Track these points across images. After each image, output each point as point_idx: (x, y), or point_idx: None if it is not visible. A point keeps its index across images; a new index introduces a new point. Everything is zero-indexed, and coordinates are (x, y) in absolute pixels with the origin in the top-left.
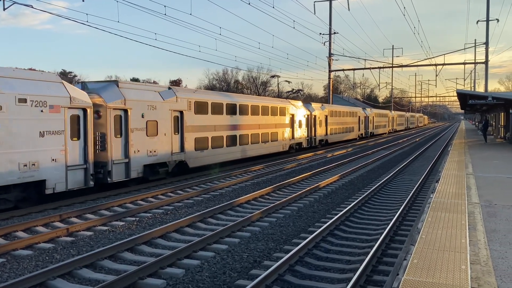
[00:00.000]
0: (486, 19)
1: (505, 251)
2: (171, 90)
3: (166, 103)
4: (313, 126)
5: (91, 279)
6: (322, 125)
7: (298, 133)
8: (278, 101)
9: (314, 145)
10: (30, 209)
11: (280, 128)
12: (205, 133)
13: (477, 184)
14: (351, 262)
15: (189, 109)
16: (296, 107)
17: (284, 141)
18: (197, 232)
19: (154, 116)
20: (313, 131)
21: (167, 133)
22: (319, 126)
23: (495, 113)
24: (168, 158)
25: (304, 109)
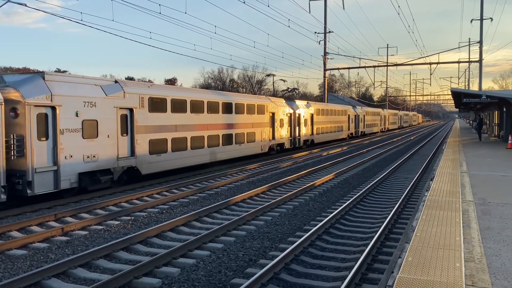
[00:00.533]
0: (480, 18)
1: (499, 248)
2: (117, 84)
3: (110, 100)
4: (297, 125)
5: (86, 279)
6: (308, 124)
7: (279, 133)
8: (256, 98)
9: (298, 146)
10: (24, 209)
11: (259, 128)
12: (163, 134)
13: (472, 182)
14: (346, 260)
15: (142, 106)
16: (277, 105)
17: (263, 142)
18: (192, 231)
19: (94, 114)
20: (297, 131)
21: (111, 134)
22: (303, 125)
23: (489, 111)
24: (113, 164)
25: (286, 107)
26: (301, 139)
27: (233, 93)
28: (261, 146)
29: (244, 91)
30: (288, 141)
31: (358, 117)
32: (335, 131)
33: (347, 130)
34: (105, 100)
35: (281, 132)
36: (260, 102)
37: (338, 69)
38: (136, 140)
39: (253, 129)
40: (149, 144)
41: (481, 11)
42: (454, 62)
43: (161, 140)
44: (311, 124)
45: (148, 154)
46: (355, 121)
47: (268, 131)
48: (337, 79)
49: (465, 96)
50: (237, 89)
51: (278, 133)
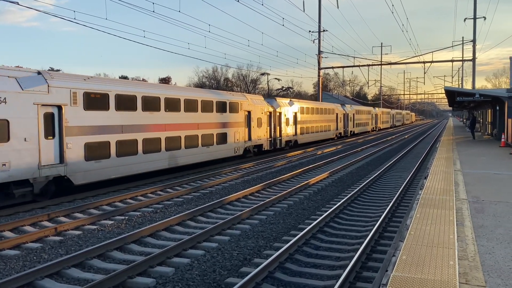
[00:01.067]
0: (473, 17)
1: (492, 246)
2: (40, 76)
3: (27, 95)
4: (277, 125)
5: (79, 279)
6: (290, 123)
7: (257, 133)
8: (228, 95)
9: (280, 147)
10: (17, 209)
11: (231, 128)
12: (104, 136)
13: (465, 181)
14: (340, 259)
15: (74, 103)
16: (253, 102)
17: (237, 143)
18: (187, 230)
19: (3, 113)
20: (277, 131)
21: (30, 137)
22: (285, 124)
23: (483, 110)
24: (33, 173)
25: (265, 105)
26: (283, 140)
27: (198, 88)
28: (235, 148)
29: (238, 90)
30: (267, 142)
31: (347, 116)
32: (322, 130)
33: (335, 130)
34: (21, 95)
35: (258, 132)
36: (233, 100)
37: (332, 68)
38: (66, 144)
39: (225, 129)
40: (85, 149)
41: (475, 10)
42: (448, 61)
43: (102, 144)
44: (294, 123)
45: (84, 160)
46: (344, 120)
47: (243, 132)
48: (331, 78)
49: (459, 94)
50: (231, 88)
51: (255, 134)
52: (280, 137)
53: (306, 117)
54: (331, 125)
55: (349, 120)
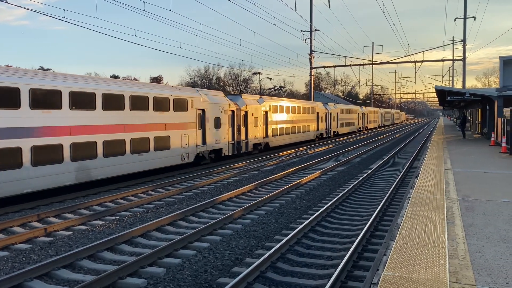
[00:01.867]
0: (464, 16)
1: (482, 245)
2: None
3: None
4: (243, 125)
5: (69, 280)
6: (259, 124)
7: (214, 136)
8: (172, 90)
9: (246, 151)
10: (6, 209)
11: (177, 130)
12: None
13: (456, 179)
14: (332, 258)
15: None
16: (209, 99)
17: (185, 148)
18: (178, 230)
19: None
20: (243, 133)
21: None
22: (253, 125)
23: (473, 109)
24: None
25: (226, 102)
26: (250, 143)
27: (130, 81)
28: (182, 154)
29: (230, 89)
30: (229, 146)
31: (329, 115)
32: (299, 131)
33: (316, 131)
34: None
35: (217, 134)
36: (180, 95)
37: (324, 67)
38: None
39: (167, 131)
40: None
41: (465, 10)
42: (439, 60)
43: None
44: (265, 124)
45: None
46: (326, 119)
47: (195, 134)
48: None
49: (449, 94)
50: (223, 87)
51: (212, 136)
52: (246, 140)
53: (280, 117)
54: (310, 125)
55: (332, 119)
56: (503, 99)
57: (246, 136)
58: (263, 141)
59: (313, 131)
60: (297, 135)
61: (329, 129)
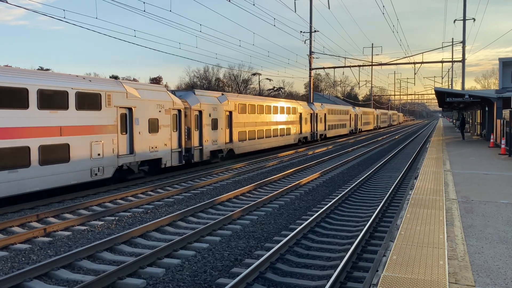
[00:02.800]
0: (463, 18)
1: (481, 246)
2: None
3: None
4: (195, 128)
5: (69, 280)
6: (220, 126)
7: (148, 142)
8: (74, 81)
9: (201, 160)
10: (5, 209)
11: (82, 136)
12: None
13: (455, 181)
14: (331, 259)
15: None
16: (140, 94)
17: (97, 160)
18: (177, 231)
19: None
20: (195, 138)
21: None
22: (210, 128)
23: (472, 110)
24: None
25: (168, 99)
26: (206, 150)
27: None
28: (92, 168)
29: (230, 90)
30: (173, 154)
31: (315, 116)
32: (276, 135)
33: (298, 133)
34: None
35: (153, 140)
36: (87, 89)
37: (323, 68)
38: None
39: (64, 137)
40: None
41: (464, 11)
42: (438, 62)
43: None
44: (228, 126)
45: None
46: (312, 121)
47: (114, 141)
48: (322, 78)
49: (448, 95)
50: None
51: (145, 143)
52: (199, 146)
53: (250, 118)
54: (291, 128)
55: (319, 121)
56: (502, 101)
57: (200, 141)
58: (225, 147)
59: (295, 134)
60: (273, 139)
61: (315, 132)
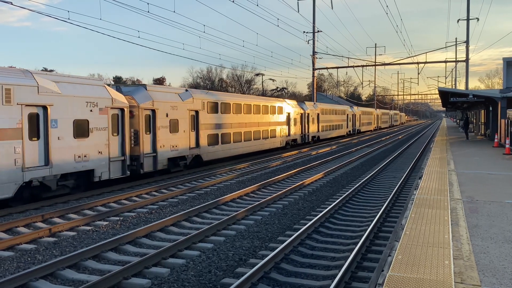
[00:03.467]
0: (467, 18)
1: (486, 246)
2: None
3: None
4: (145, 131)
5: (74, 280)
6: (182, 129)
7: (73, 150)
8: None
9: (155, 170)
10: (11, 210)
11: None
12: None
13: (459, 181)
14: (336, 259)
15: None
16: (56, 89)
17: None
18: (182, 231)
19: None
20: (145, 143)
21: None
22: (168, 131)
23: (476, 110)
24: None
25: (105, 96)
26: (161, 158)
27: None
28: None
29: (233, 90)
30: (112, 164)
31: (306, 117)
32: (258, 138)
33: (285, 136)
34: None
35: (80, 147)
36: None
37: (326, 68)
38: None
39: None
40: None
41: (468, 11)
42: (441, 62)
43: None
44: (194, 128)
45: None
46: (302, 122)
47: (18, 149)
48: (325, 78)
49: (452, 95)
50: (226, 89)
51: (67, 151)
52: (153, 153)
53: (222, 118)
54: (276, 130)
55: (311, 122)
56: (507, 101)
57: (154, 147)
58: (190, 153)
59: (281, 136)
60: (254, 143)
61: (305, 134)
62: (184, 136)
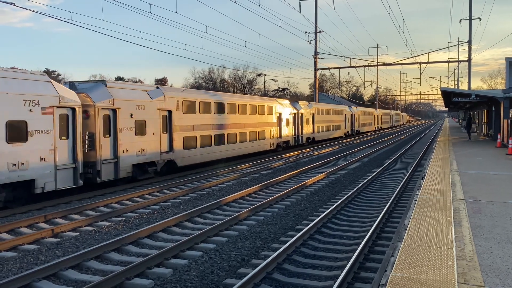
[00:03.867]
0: (469, 18)
1: (490, 246)
2: None
3: None
4: (104, 134)
5: (77, 280)
6: (151, 130)
7: None
8: None
9: (116, 178)
10: (13, 210)
11: None
12: None
13: (462, 181)
14: (338, 260)
15: None
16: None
17: None
18: (184, 231)
19: None
20: (103, 147)
21: None
22: (133, 133)
23: (478, 110)
24: None
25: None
26: (123, 164)
27: None
28: None
29: (235, 91)
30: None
31: (299, 117)
32: (243, 140)
33: (276, 138)
34: None
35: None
36: None
37: (328, 68)
38: None
39: None
40: None
41: (470, 11)
42: (444, 62)
43: None
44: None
45: None
46: (295, 122)
47: None
48: (327, 78)
49: (455, 95)
50: (228, 89)
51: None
52: (114, 159)
53: (201, 119)
54: (265, 131)
55: (305, 122)
56: (509, 100)
57: (115, 152)
58: (161, 159)
59: (272, 138)
60: (239, 146)
61: (299, 135)
62: (153, 139)
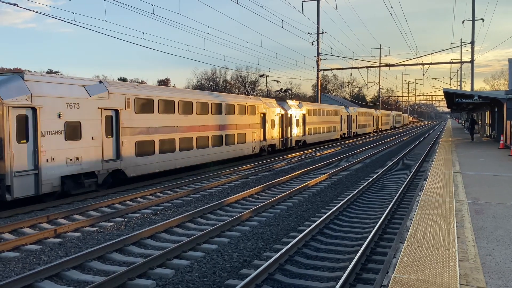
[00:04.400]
0: (472, 19)
1: (492, 248)
2: None
3: None
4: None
5: (79, 281)
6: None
7: None
8: None
9: (36, 193)
10: (16, 210)
11: None
12: None
13: (464, 182)
14: (340, 261)
15: None
16: None
17: None
18: (186, 232)
19: None
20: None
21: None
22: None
23: (481, 111)
24: None
25: None
26: (46, 176)
27: None
28: None
29: (237, 91)
30: None
31: (288, 119)
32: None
33: (260, 141)
34: None
35: None
36: None
37: (331, 69)
38: None
39: None
40: None
41: (473, 12)
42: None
43: None
44: (113, 133)
45: None
46: (283, 124)
47: None
48: (330, 79)
49: (458, 96)
50: (230, 90)
51: None
52: (34, 170)
53: (162, 120)
54: (247, 134)
55: (295, 124)
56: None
57: (35, 161)
58: (104, 168)
59: (254, 141)
60: (212, 151)
61: (287, 138)
62: (92, 144)
